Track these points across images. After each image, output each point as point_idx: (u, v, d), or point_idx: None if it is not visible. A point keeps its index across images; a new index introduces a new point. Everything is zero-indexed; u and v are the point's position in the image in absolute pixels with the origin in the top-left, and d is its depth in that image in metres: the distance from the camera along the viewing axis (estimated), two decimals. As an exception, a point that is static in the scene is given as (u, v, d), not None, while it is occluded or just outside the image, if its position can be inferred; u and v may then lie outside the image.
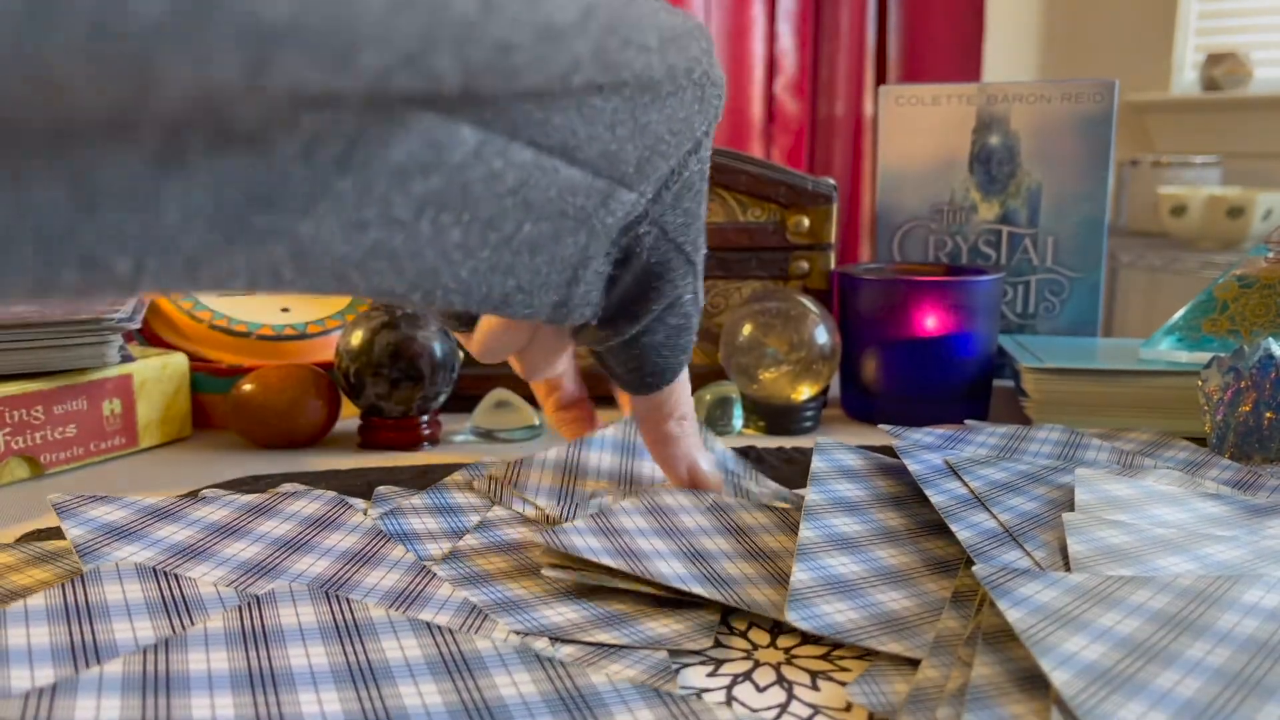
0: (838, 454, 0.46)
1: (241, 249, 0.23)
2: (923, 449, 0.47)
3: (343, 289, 0.27)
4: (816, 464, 0.44)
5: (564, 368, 0.47)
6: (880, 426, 0.52)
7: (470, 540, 0.42)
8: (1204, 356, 0.59)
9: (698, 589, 0.36)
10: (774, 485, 0.49)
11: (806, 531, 0.39)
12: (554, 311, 0.34)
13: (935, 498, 0.41)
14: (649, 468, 0.48)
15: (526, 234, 0.31)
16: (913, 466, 0.44)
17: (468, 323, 0.42)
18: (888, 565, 0.38)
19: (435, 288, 0.29)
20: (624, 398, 0.45)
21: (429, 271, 0.29)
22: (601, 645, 0.33)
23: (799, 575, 0.36)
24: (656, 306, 0.37)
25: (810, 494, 0.42)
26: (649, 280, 0.36)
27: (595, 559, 0.36)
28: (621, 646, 0.33)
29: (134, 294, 0.22)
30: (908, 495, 0.44)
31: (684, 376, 0.42)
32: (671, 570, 0.37)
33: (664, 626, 0.35)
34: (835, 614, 0.34)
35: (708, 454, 0.45)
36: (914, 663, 0.32)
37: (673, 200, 0.35)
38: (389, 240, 0.27)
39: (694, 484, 0.44)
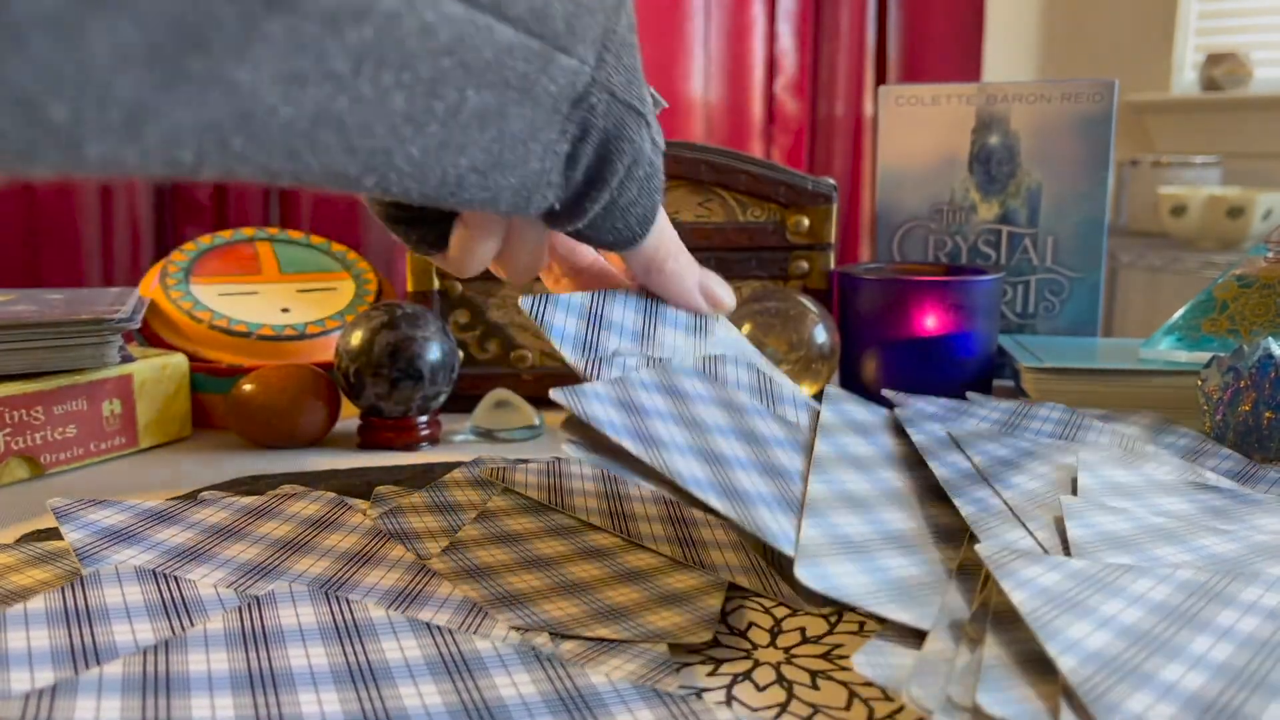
0: (846, 405, 0.45)
1: (182, 99, 0.23)
2: (926, 419, 0.47)
3: (297, 169, 0.27)
4: (825, 415, 0.44)
5: (548, 260, 0.46)
6: (884, 392, 0.52)
7: (470, 530, 0.42)
8: (1203, 356, 0.59)
9: (713, 500, 0.34)
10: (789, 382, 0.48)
11: (816, 485, 0.39)
12: (514, 198, 0.34)
13: (939, 470, 0.41)
14: (670, 335, 0.45)
15: (472, 105, 0.31)
16: (916, 437, 0.44)
17: (436, 244, 0.41)
18: (895, 530, 0.38)
19: (389, 170, 0.30)
20: (617, 262, 0.45)
21: (380, 151, 0.29)
22: (602, 640, 0.33)
23: (809, 531, 0.36)
24: (622, 165, 0.37)
25: (819, 445, 0.41)
26: (608, 145, 0.36)
27: (615, 436, 0.35)
28: (622, 641, 0.33)
29: (78, 157, 0.23)
30: (913, 456, 0.44)
31: (663, 215, 0.42)
32: (689, 470, 0.35)
33: (664, 620, 0.35)
34: (843, 576, 0.34)
35: (716, 276, 0.46)
36: (918, 634, 0.32)
37: (614, 61, 0.36)
38: (332, 103, 0.27)
39: (713, 302, 0.46)
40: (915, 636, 0.32)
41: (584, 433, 0.36)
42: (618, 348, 0.42)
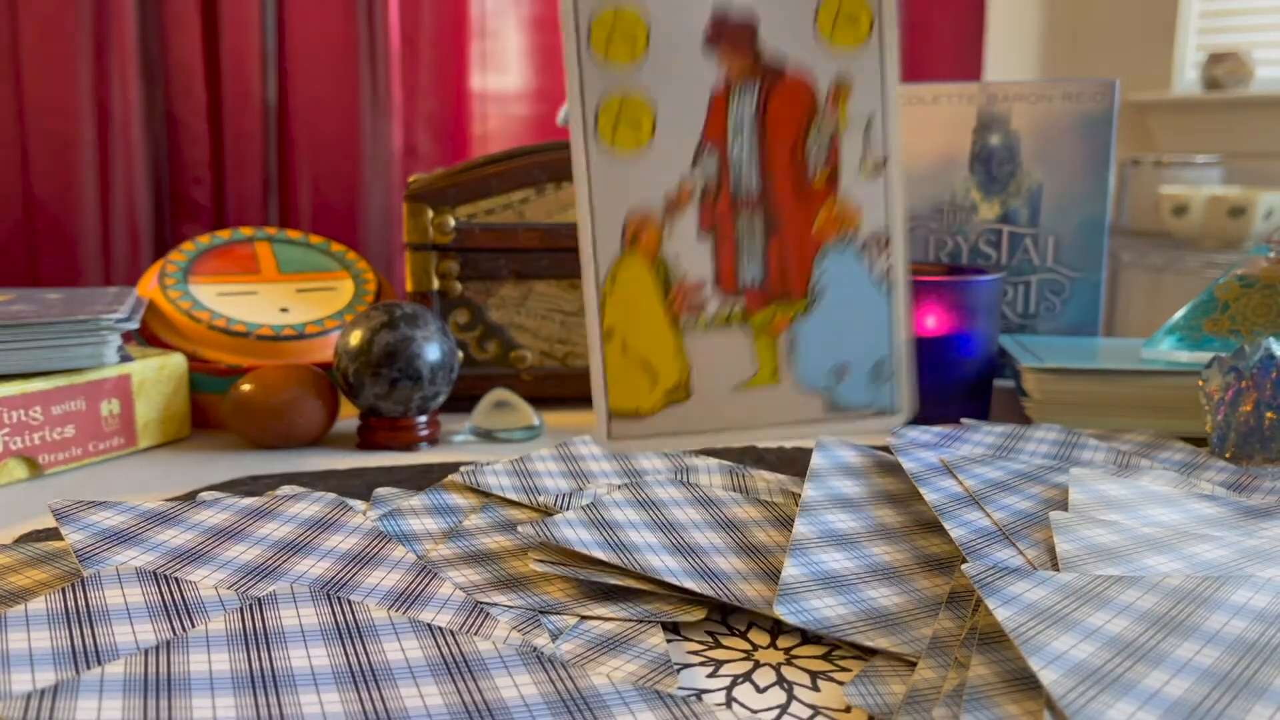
0: (839, 451, 0.46)
1: None
2: (919, 447, 0.47)
3: None
4: (816, 460, 0.44)
5: None
6: None
7: (474, 519, 0.43)
8: (1205, 356, 0.59)
9: (689, 584, 0.36)
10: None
11: (802, 527, 0.39)
12: None
13: (930, 495, 0.41)
14: (649, 464, 0.49)
15: None
16: (908, 464, 0.44)
17: None
18: (881, 562, 0.38)
19: None
20: None
21: None
22: (602, 637, 0.34)
23: (790, 570, 0.36)
24: None
25: (808, 490, 0.42)
26: None
27: (586, 552, 0.37)
28: (622, 640, 0.33)
29: None
30: (907, 493, 0.44)
31: None
32: (663, 564, 0.37)
33: (659, 603, 0.36)
34: (824, 609, 0.35)
35: None
36: (911, 663, 0.32)
37: None
38: None
39: None
40: (908, 665, 0.32)
41: (556, 554, 0.38)
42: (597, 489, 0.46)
